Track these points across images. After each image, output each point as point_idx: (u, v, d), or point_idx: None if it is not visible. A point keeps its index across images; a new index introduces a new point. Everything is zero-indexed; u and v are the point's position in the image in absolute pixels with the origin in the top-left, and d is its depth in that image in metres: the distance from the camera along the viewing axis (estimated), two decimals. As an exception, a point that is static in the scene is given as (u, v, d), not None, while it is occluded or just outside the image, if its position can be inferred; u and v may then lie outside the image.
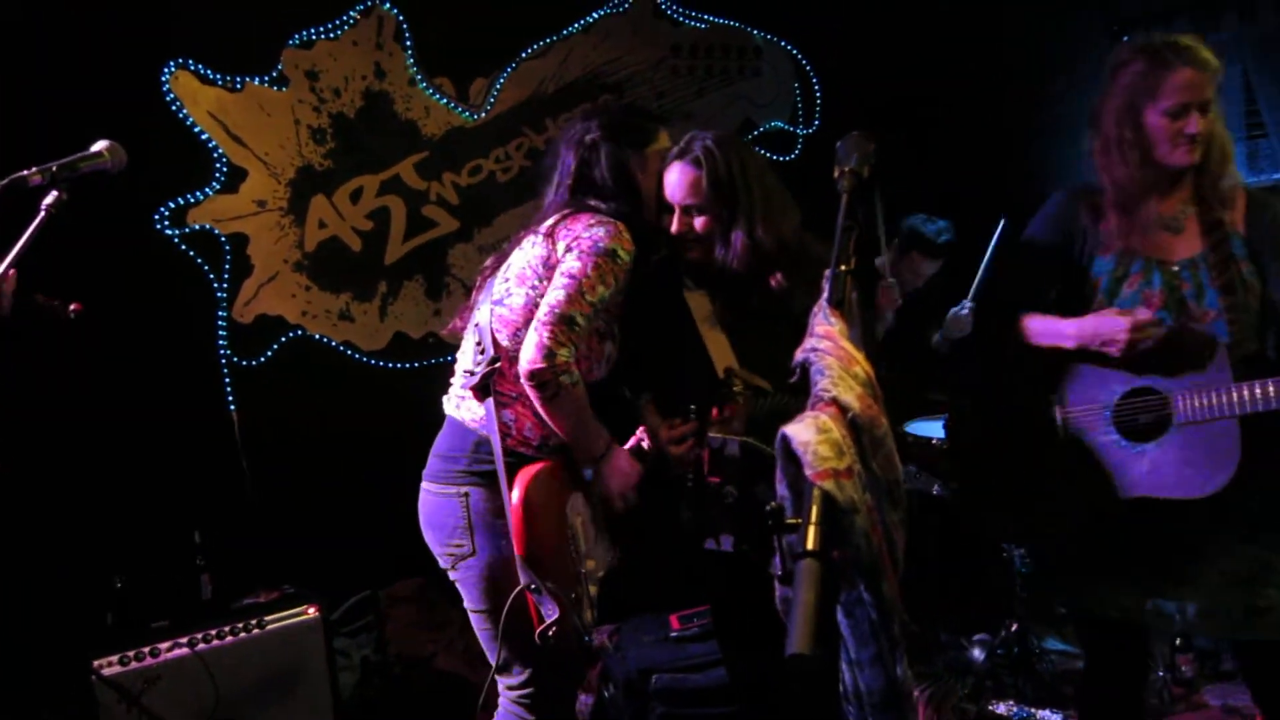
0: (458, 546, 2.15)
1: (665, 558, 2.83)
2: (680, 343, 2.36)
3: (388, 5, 3.92)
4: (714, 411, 2.27)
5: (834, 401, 1.37)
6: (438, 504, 2.19)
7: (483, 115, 4.14)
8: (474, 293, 2.31)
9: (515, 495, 2.03)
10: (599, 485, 2.20)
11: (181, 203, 3.60)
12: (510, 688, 2.23)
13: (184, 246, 3.62)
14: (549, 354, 1.97)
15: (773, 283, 2.33)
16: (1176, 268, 2.13)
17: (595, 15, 4.34)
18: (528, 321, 2.07)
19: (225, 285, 3.69)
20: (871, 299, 2.69)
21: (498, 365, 2.09)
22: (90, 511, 3.32)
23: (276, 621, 3.30)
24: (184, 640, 3.15)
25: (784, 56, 4.75)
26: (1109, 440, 2.15)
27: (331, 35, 3.84)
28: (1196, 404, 2.03)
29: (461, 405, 2.20)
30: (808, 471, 1.29)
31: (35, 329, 2.33)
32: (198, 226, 3.63)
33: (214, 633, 3.20)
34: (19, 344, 1.88)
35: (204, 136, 3.62)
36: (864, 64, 4.73)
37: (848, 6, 4.69)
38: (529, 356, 1.99)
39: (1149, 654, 2.48)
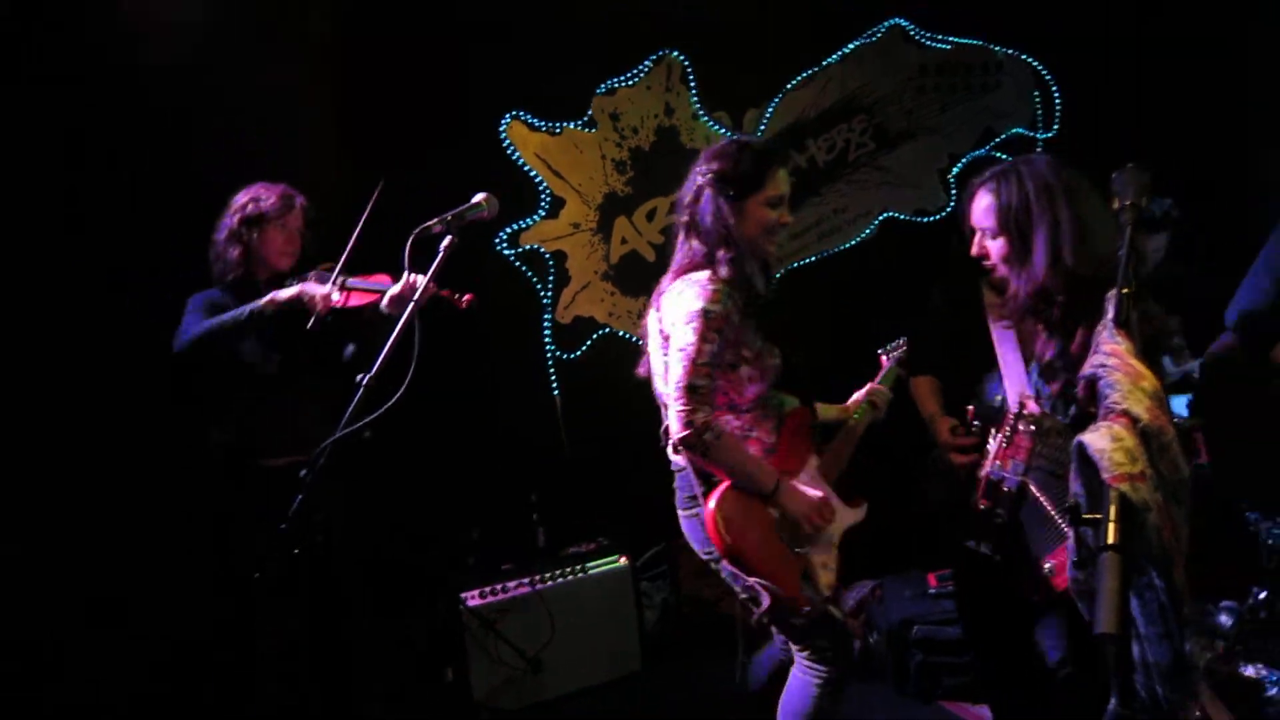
0: (710, 553, 2.24)
1: (918, 524, 2.85)
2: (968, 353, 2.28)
3: (675, 53, 4.14)
4: (999, 437, 2.17)
5: (1125, 413, 1.42)
6: (689, 525, 2.30)
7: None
8: (642, 340, 2.40)
9: (709, 510, 2.14)
10: (786, 515, 2.19)
11: (516, 228, 3.99)
12: (798, 651, 2.30)
13: (518, 264, 4.01)
14: (688, 422, 2.06)
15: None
16: None
17: (851, 46, 4.37)
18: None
19: (549, 293, 4.06)
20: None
21: None
22: (453, 476, 3.73)
23: (597, 568, 3.64)
24: (526, 580, 3.52)
25: (1024, 68, 4.57)
26: None
27: (630, 83, 4.12)
28: None
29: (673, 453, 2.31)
30: (1104, 475, 1.34)
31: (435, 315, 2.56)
32: (528, 247, 4.02)
33: (548, 575, 3.55)
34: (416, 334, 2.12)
35: (531, 173, 4.00)
36: (1101, 70, 4.48)
37: (1085, 17, 4.44)
38: (675, 429, 2.09)
39: None
